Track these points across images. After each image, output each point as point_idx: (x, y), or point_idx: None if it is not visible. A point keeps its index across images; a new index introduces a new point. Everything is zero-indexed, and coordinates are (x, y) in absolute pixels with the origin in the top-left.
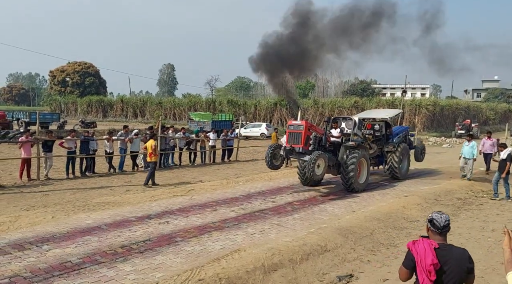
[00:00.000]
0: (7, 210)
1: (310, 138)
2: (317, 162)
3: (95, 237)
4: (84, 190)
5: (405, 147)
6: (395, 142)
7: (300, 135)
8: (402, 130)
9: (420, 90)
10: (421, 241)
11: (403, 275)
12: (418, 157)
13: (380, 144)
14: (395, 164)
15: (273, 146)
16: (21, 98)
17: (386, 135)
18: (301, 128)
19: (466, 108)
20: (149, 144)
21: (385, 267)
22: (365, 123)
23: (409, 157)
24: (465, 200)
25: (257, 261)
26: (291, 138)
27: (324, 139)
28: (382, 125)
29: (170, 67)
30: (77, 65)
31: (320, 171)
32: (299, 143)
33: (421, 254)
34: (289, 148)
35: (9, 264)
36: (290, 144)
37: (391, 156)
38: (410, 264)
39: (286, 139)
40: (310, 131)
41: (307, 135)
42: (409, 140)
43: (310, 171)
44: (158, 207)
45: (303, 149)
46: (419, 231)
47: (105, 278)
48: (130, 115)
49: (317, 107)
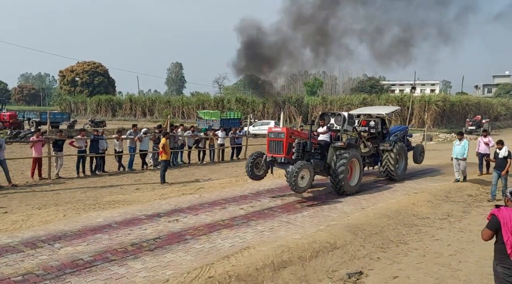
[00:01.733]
0: (19, 209)
1: (293, 145)
2: (301, 174)
3: (106, 235)
4: (94, 189)
5: (402, 146)
6: (392, 140)
7: (281, 144)
8: (400, 129)
9: (429, 86)
10: (503, 209)
11: (487, 236)
12: (417, 159)
13: (375, 143)
14: (391, 164)
15: (254, 154)
16: (31, 98)
17: (382, 133)
18: (281, 136)
19: (477, 104)
20: (161, 142)
21: (395, 264)
22: (360, 120)
23: (406, 157)
24: (476, 197)
25: (266, 259)
26: (272, 147)
27: (309, 144)
28: (378, 122)
29: (178, 65)
30: (86, 65)
31: (305, 183)
32: (281, 153)
33: (506, 218)
34: (271, 158)
35: (22, 262)
36: (271, 153)
37: (387, 155)
38: (494, 226)
39: (267, 149)
40: (292, 138)
41: (289, 143)
42: (407, 141)
43: (292, 184)
44: (167, 205)
45: (286, 158)
46: (430, 228)
47: (116, 276)
48: (139, 114)
49: (325, 104)
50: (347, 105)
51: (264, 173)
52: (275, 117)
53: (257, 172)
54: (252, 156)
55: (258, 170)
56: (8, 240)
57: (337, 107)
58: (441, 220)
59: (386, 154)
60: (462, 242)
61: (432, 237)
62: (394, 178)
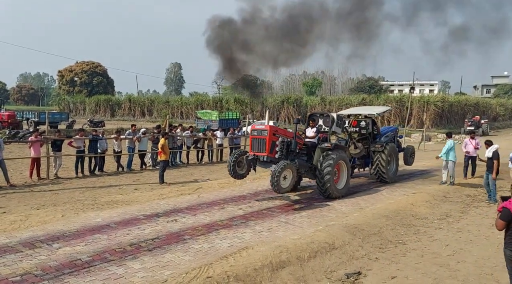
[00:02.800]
0: (18, 209)
1: (276, 144)
2: (283, 174)
3: (104, 235)
4: (93, 189)
5: (393, 147)
6: (383, 141)
7: (264, 142)
8: (390, 130)
9: (428, 87)
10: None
11: (501, 226)
12: (408, 160)
13: (366, 143)
14: (382, 166)
15: (236, 153)
16: (30, 98)
17: (372, 133)
18: (264, 133)
19: (476, 104)
20: (160, 143)
21: (394, 265)
22: (350, 120)
23: (397, 159)
24: (474, 197)
25: (265, 259)
26: (255, 145)
27: (294, 143)
28: (368, 122)
29: (177, 66)
30: (85, 65)
31: (287, 183)
32: (263, 151)
33: None
34: (253, 156)
35: (20, 262)
36: (254, 152)
37: (378, 157)
38: (508, 218)
39: (250, 147)
40: (276, 136)
41: (273, 141)
42: (398, 142)
43: (274, 185)
44: (166, 206)
45: (269, 157)
46: (428, 229)
47: (114, 276)
48: (137, 114)
49: (324, 104)
50: (346, 105)
51: (247, 172)
52: (274, 117)
53: (239, 170)
54: (235, 155)
55: (240, 168)
56: (7, 240)
57: (336, 107)
58: (439, 221)
59: (377, 156)
60: (460, 242)
61: (430, 238)
62: (386, 180)
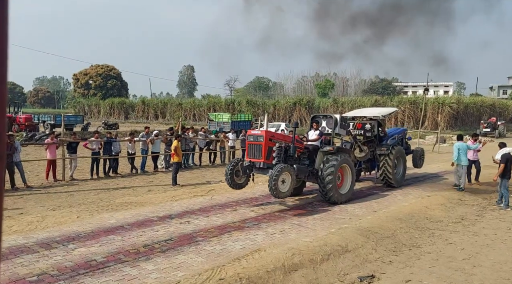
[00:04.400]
0: (34, 210)
1: (273, 150)
2: (281, 177)
3: (118, 237)
4: (107, 191)
5: (400, 149)
6: (389, 144)
7: (260, 148)
8: (398, 132)
9: (443, 88)
10: None
11: None
12: (417, 163)
13: (372, 146)
14: (389, 169)
15: (234, 161)
16: (46, 101)
17: (378, 135)
18: (260, 139)
19: (492, 106)
20: (173, 145)
21: (408, 268)
22: (355, 122)
23: (405, 161)
24: (490, 200)
25: (277, 261)
26: (251, 151)
27: (292, 148)
28: (374, 124)
29: (190, 68)
30: (99, 68)
31: (286, 187)
32: (260, 157)
33: None
34: (249, 163)
35: (37, 262)
36: (250, 158)
37: (384, 160)
38: None
39: (246, 153)
40: (272, 142)
41: (269, 147)
42: (406, 144)
43: (273, 189)
44: (179, 207)
45: (265, 163)
46: (443, 232)
47: (128, 277)
48: (151, 116)
49: (336, 106)
50: (358, 107)
51: (246, 181)
52: (286, 119)
53: (237, 180)
54: (232, 163)
55: (239, 178)
56: (24, 240)
57: (349, 109)
58: (454, 224)
59: (384, 159)
60: (476, 246)
61: (445, 241)
62: (393, 185)
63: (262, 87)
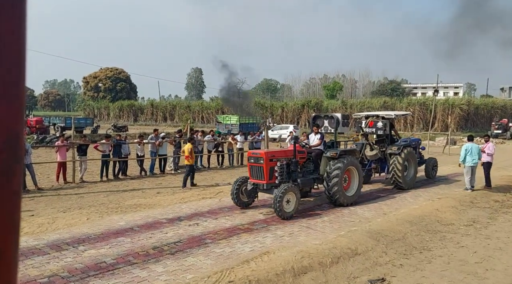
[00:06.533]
0: (45, 212)
1: (275, 169)
2: (285, 198)
3: (128, 238)
4: (117, 193)
5: (411, 152)
6: (400, 144)
7: (261, 169)
8: (411, 140)
9: (453, 89)
10: None
11: None
12: (430, 173)
13: (383, 146)
14: (398, 170)
15: (239, 180)
16: (57, 104)
17: (390, 136)
18: (261, 161)
19: (503, 107)
20: (186, 147)
21: (419, 272)
22: (368, 120)
23: (416, 165)
24: (503, 203)
25: (286, 264)
26: (253, 172)
27: (294, 163)
28: (386, 123)
29: (198, 71)
30: (109, 71)
31: (291, 207)
32: (262, 179)
33: None
34: (252, 185)
35: (48, 264)
36: (253, 179)
37: (394, 160)
38: None
39: (249, 173)
40: (273, 161)
41: (271, 167)
42: (420, 154)
43: (277, 210)
44: (188, 209)
45: (269, 184)
46: (454, 235)
47: (137, 279)
48: (160, 119)
49: (345, 108)
50: (367, 108)
51: (252, 199)
52: (294, 121)
53: (243, 198)
54: (237, 182)
55: (244, 196)
56: (35, 242)
57: (357, 111)
58: (466, 227)
59: (393, 159)
60: (488, 250)
61: (457, 244)
62: (402, 187)
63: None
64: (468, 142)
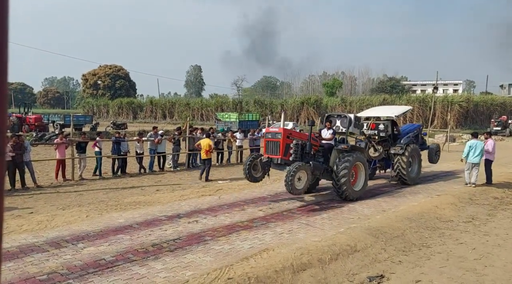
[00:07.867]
0: (44, 209)
1: (290, 146)
2: (297, 175)
3: (127, 236)
4: (116, 190)
5: (414, 148)
6: (403, 143)
7: (278, 144)
8: (413, 128)
9: (452, 86)
10: None
11: None
12: (433, 159)
13: (386, 146)
14: (403, 168)
15: (253, 155)
16: (56, 101)
17: (393, 135)
18: (278, 136)
19: (502, 104)
20: (205, 142)
21: (418, 268)
22: (369, 123)
23: (420, 160)
24: (502, 200)
25: (285, 261)
26: (269, 147)
27: (308, 145)
28: (387, 125)
29: (197, 68)
30: (108, 68)
31: (302, 184)
32: (277, 153)
33: None
34: (267, 159)
35: (47, 261)
36: (268, 154)
37: (398, 159)
38: None
39: (264, 149)
40: (290, 139)
41: (287, 144)
42: (422, 139)
43: (289, 185)
44: (187, 207)
45: (283, 159)
46: (453, 232)
47: (137, 276)
48: (159, 116)
49: (344, 105)
50: (367, 106)
51: (262, 176)
52: (294, 119)
53: (254, 174)
54: (250, 158)
55: (255, 172)
56: (34, 239)
57: (357, 108)
58: (465, 223)
59: (398, 158)
60: (487, 246)
61: (456, 241)
62: (407, 183)
63: (269, 87)
64: (472, 138)
